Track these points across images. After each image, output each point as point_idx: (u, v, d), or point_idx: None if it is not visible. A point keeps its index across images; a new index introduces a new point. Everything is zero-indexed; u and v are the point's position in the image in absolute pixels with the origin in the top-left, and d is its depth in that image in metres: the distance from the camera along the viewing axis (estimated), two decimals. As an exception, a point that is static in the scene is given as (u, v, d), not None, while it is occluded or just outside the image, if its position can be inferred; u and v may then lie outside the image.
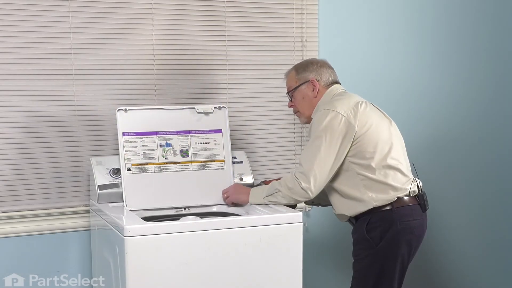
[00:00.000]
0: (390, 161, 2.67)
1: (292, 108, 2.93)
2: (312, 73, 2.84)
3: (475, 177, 3.94)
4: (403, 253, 2.69)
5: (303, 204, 3.42)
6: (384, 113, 2.81)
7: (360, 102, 2.72)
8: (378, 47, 3.61)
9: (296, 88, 2.85)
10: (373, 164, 2.64)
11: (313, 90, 2.82)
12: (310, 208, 3.47)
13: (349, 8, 3.52)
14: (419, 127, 3.71)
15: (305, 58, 3.30)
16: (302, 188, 2.65)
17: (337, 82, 2.87)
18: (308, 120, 2.86)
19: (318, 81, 2.83)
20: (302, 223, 2.62)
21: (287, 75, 2.93)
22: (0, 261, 2.96)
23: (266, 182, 2.95)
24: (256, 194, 2.81)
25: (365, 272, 2.73)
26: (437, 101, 3.78)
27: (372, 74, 3.57)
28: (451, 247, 3.91)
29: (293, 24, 3.39)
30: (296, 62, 3.05)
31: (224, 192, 2.93)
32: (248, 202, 2.82)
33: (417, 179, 2.76)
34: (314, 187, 2.65)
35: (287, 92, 2.91)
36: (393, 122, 2.80)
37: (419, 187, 2.75)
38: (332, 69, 2.89)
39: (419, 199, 2.73)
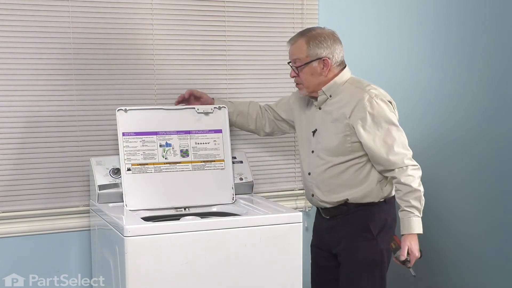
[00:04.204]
0: None
1: (295, 79, 2.79)
2: (325, 50, 2.69)
3: (475, 177, 3.93)
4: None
5: (303, 204, 3.44)
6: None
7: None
8: (378, 47, 3.61)
9: (306, 64, 2.70)
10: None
11: (323, 68, 2.70)
12: (310, 208, 3.47)
13: (349, 8, 3.52)
14: (419, 127, 3.71)
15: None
16: (413, 168, 2.62)
17: (343, 62, 2.78)
18: (309, 94, 2.78)
19: (330, 59, 2.70)
20: (302, 223, 2.63)
21: (294, 43, 2.75)
22: (0, 261, 2.96)
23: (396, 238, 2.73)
24: (417, 226, 2.62)
25: (371, 263, 2.75)
26: (437, 101, 3.78)
27: (372, 74, 3.54)
28: (451, 246, 3.91)
29: (293, 24, 3.38)
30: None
31: (403, 254, 2.61)
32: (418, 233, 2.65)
33: None
34: (412, 161, 2.65)
35: (295, 65, 2.74)
36: None
37: None
38: (341, 43, 2.77)
39: None
